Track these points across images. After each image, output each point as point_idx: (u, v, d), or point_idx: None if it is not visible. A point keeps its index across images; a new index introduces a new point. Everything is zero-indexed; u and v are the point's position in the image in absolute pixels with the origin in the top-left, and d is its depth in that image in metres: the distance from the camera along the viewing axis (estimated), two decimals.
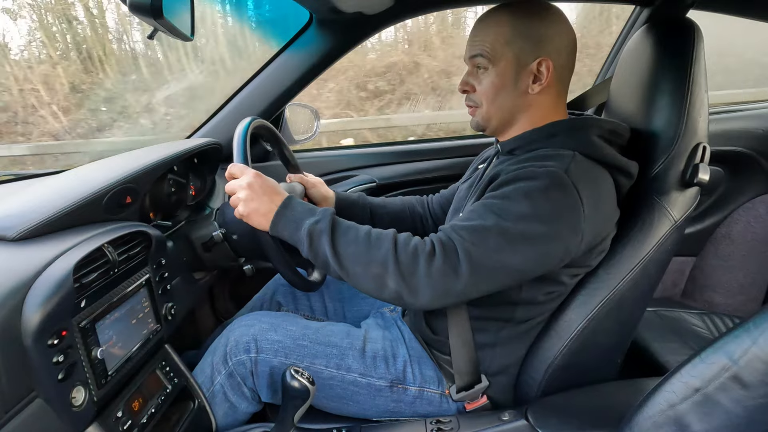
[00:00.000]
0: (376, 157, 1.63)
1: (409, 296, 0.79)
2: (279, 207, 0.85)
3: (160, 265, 0.93)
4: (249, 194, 0.85)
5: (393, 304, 0.85)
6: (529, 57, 0.88)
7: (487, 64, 0.89)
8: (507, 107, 0.92)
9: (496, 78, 0.90)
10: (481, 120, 0.95)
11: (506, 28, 0.88)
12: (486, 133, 0.99)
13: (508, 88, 0.90)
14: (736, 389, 0.57)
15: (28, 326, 0.63)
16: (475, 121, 0.97)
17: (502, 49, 0.88)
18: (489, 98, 0.92)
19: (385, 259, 0.79)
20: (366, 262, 0.80)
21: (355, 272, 0.81)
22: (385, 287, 0.80)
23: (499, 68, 0.89)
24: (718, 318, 1.40)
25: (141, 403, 0.84)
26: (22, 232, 0.74)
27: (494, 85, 0.90)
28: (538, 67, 0.88)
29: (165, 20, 0.75)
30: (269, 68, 1.39)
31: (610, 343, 0.98)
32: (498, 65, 0.89)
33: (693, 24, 0.94)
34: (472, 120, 0.97)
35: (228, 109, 1.41)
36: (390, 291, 0.79)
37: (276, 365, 0.95)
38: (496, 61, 0.89)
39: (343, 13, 1.21)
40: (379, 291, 0.81)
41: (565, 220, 0.79)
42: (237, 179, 0.88)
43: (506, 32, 0.88)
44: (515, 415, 0.89)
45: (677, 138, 0.91)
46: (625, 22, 1.59)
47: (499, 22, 0.89)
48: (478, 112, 0.95)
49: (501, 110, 0.93)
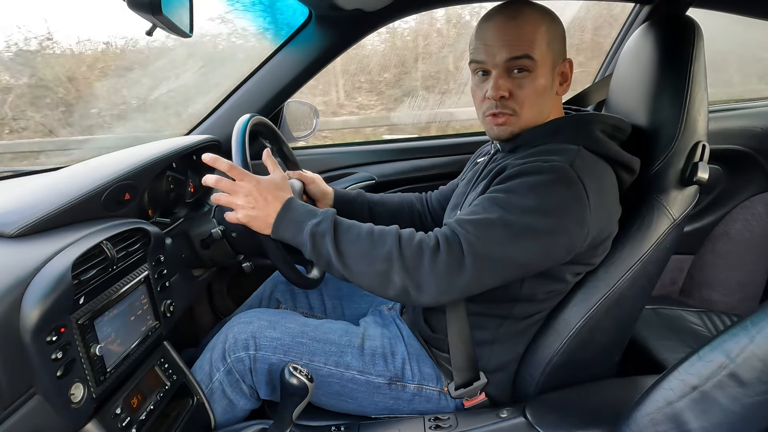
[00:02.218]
0: (375, 154, 1.63)
1: (415, 291, 0.79)
2: (280, 210, 0.85)
3: (159, 262, 0.93)
4: (249, 201, 0.84)
5: (398, 301, 0.84)
6: (560, 58, 0.88)
7: (533, 67, 0.86)
8: (543, 111, 0.90)
9: (542, 80, 0.86)
10: (517, 128, 0.89)
11: (544, 29, 0.86)
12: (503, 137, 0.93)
13: (548, 90, 0.88)
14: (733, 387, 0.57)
15: (27, 323, 0.62)
16: (509, 131, 0.90)
17: (546, 50, 0.86)
18: (531, 103, 0.87)
19: (390, 255, 0.79)
20: (370, 259, 0.80)
21: (360, 270, 0.80)
22: (390, 283, 0.79)
23: (543, 70, 0.86)
24: (716, 316, 1.41)
25: (140, 399, 0.84)
26: (21, 228, 0.74)
27: (538, 88, 0.87)
28: (563, 69, 0.88)
29: (164, 16, 0.74)
30: (268, 65, 1.38)
31: (609, 341, 0.98)
32: (542, 68, 0.86)
33: (693, 22, 0.94)
34: (502, 129, 0.90)
35: (227, 105, 1.41)
36: (395, 286, 0.79)
37: (275, 362, 0.95)
38: (541, 63, 0.86)
39: (342, 10, 1.21)
40: (384, 288, 0.80)
41: (571, 214, 0.79)
42: (237, 183, 0.85)
43: (545, 33, 0.86)
44: (513, 412, 0.89)
45: (677, 136, 0.91)
46: (625, 20, 1.59)
47: (537, 23, 0.86)
48: (514, 121, 0.89)
49: (538, 115, 0.89)
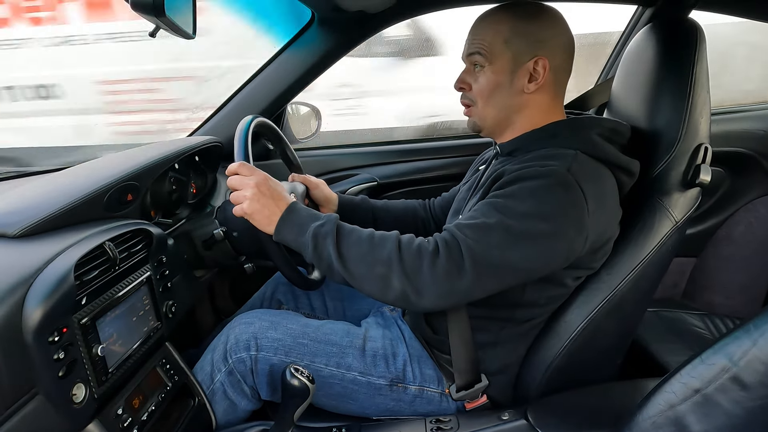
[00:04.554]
0: (377, 156, 1.63)
1: (414, 295, 0.79)
2: (284, 212, 0.85)
3: (161, 262, 0.93)
4: (256, 194, 0.85)
5: (398, 306, 0.84)
6: (526, 56, 0.88)
7: (484, 62, 0.90)
8: (502, 106, 0.92)
9: (493, 76, 0.90)
10: (478, 119, 0.96)
11: (505, 27, 0.88)
12: (482, 135, 0.99)
13: (503, 86, 0.90)
14: (735, 390, 0.57)
15: (29, 323, 0.63)
16: (472, 122, 0.97)
17: (500, 47, 0.88)
18: (484, 96, 0.92)
19: (389, 259, 0.79)
20: (370, 262, 0.80)
21: (360, 274, 0.81)
22: (389, 288, 0.79)
23: (496, 66, 0.89)
24: (718, 319, 1.40)
25: (141, 400, 0.84)
26: (24, 229, 0.74)
27: (490, 83, 0.90)
28: (534, 66, 0.88)
29: (167, 18, 0.75)
30: (271, 66, 1.38)
31: (610, 344, 0.98)
32: (495, 63, 0.89)
33: (695, 24, 0.94)
34: (469, 120, 0.98)
35: (229, 107, 1.41)
36: (395, 291, 0.79)
37: (276, 363, 0.95)
38: (493, 59, 0.89)
39: (345, 12, 1.21)
40: (384, 292, 0.80)
41: (570, 218, 0.79)
42: (246, 177, 0.87)
43: (505, 31, 0.88)
44: (515, 414, 0.89)
45: (679, 139, 0.90)
46: (628, 23, 1.58)
47: (499, 21, 0.89)
48: (474, 111, 0.95)
49: (496, 109, 0.93)
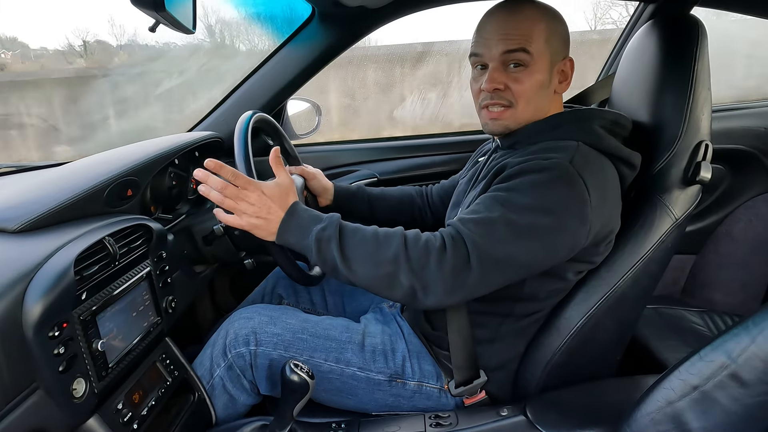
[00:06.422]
0: (378, 152, 1.63)
1: (422, 292, 0.79)
2: (284, 216, 0.84)
3: (161, 258, 0.93)
4: (253, 211, 0.83)
5: (405, 303, 0.84)
6: (559, 56, 0.89)
7: (529, 61, 0.87)
8: (538, 107, 0.90)
9: (538, 75, 0.87)
10: (512, 122, 0.90)
11: (543, 26, 0.87)
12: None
13: (545, 86, 0.89)
14: (734, 387, 0.57)
15: (29, 318, 0.63)
16: (503, 125, 0.91)
17: (543, 46, 0.87)
18: (527, 97, 0.88)
19: (396, 256, 0.78)
20: (377, 262, 0.79)
21: (366, 274, 0.80)
22: (397, 285, 0.79)
23: (539, 65, 0.87)
24: (717, 316, 1.40)
25: (141, 395, 0.84)
26: (24, 224, 0.74)
27: (535, 82, 0.87)
28: (563, 67, 0.89)
29: (167, 12, 0.74)
30: (271, 62, 1.38)
31: (610, 340, 0.98)
32: (539, 62, 0.87)
33: (697, 21, 0.94)
34: (496, 123, 0.91)
35: (229, 102, 1.41)
36: (403, 288, 0.79)
37: (275, 358, 0.95)
38: (537, 58, 0.87)
39: (345, 7, 1.20)
40: (391, 290, 0.80)
41: (573, 211, 0.79)
42: (243, 192, 0.83)
43: (544, 30, 0.87)
44: (514, 410, 0.89)
45: (680, 135, 0.90)
46: (629, 19, 1.58)
47: (536, 19, 0.87)
48: (510, 114, 0.90)
49: (535, 110, 0.90)
